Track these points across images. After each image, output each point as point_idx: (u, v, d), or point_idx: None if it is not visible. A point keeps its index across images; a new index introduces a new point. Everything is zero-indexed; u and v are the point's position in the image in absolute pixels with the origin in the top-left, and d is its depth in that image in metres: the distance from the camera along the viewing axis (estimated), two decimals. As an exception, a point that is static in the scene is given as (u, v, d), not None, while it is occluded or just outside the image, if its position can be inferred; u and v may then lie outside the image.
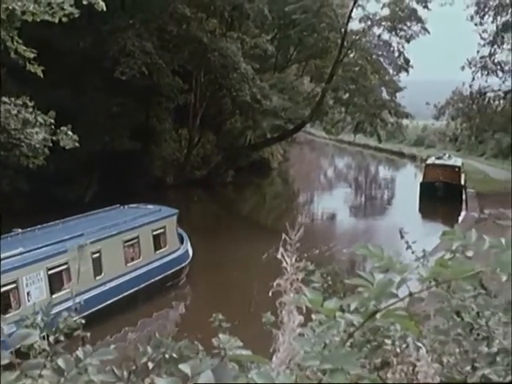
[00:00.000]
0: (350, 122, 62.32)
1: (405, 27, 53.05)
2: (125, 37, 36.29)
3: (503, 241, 2.35)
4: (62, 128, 22.80)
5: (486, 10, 54.87)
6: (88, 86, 39.80)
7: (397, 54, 54.99)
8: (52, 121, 22.84)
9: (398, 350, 3.38)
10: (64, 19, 21.52)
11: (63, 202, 33.16)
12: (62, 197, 35.07)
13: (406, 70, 55.82)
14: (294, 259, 3.35)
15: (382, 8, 52.46)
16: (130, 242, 24.49)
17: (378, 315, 2.30)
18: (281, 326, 3.17)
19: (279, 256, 3.31)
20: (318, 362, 2.21)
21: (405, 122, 61.28)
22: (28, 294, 19.31)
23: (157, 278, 25.04)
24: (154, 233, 25.83)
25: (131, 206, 27.63)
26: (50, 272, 20.26)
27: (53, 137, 22.75)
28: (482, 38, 55.64)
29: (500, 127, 58.41)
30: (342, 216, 48.56)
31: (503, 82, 55.40)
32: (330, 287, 5.84)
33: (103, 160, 39.66)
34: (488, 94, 56.67)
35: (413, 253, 5.43)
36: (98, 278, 22.39)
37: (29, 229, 22.55)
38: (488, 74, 55.45)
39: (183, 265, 27.15)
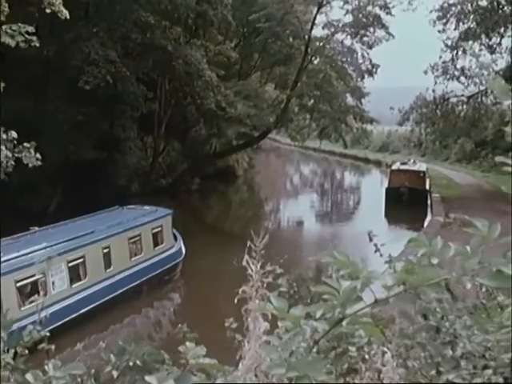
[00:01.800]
0: (316, 129, 62.46)
1: (368, 33, 53.27)
2: (88, 45, 36.06)
3: (468, 248, 2.36)
4: (25, 144, 22.53)
5: (449, 16, 55.38)
6: (51, 96, 39.51)
7: (361, 60, 55.21)
8: (15, 136, 22.47)
9: (364, 355, 3.38)
10: (22, 44, 21.55)
11: (27, 213, 32.85)
12: (26, 208, 34.72)
13: (372, 76, 56.01)
14: (259, 266, 3.35)
15: (345, 14, 52.66)
16: (134, 239, 26.81)
17: (344, 322, 2.30)
18: (246, 333, 3.15)
19: (244, 263, 3.30)
20: (284, 369, 2.20)
21: (370, 127, 61.56)
22: (53, 283, 21.51)
23: (156, 272, 27.38)
24: (153, 231, 28.21)
25: (129, 207, 30.21)
26: (69, 264, 22.45)
27: (15, 154, 22.48)
28: (444, 44, 56.18)
29: (463, 132, 58.94)
30: (309, 222, 48.64)
31: (466, 87, 55.94)
32: (296, 293, 5.83)
33: (67, 170, 39.36)
34: (451, 100, 57.15)
35: (381, 256, 5.44)
36: (108, 270, 24.67)
37: (43, 227, 24.43)
38: (450, 79, 55.94)
39: (178, 260, 29.57)
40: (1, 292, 19.05)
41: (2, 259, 19.47)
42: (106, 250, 24.62)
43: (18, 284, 20.01)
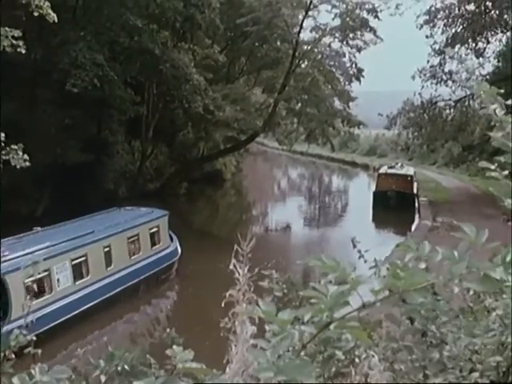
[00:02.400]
0: (303, 133, 62.47)
1: (356, 37, 53.32)
2: (76, 49, 35.99)
3: (455, 253, 2.37)
4: (12, 146, 22.54)
5: (436, 20, 55.58)
6: (39, 99, 39.43)
7: (349, 64, 55.25)
8: (3, 136, 22.50)
9: (351, 359, 3.39)
10: (8, 49, 21.54)
11: (15, 216, 32.76)
12: (14, 211, 34.62)
13: (359, 80, 56.08)
14: (246, 270, 3.35)
15: (333, 19, 52.69)
16: (132, 239, 27.71)
17: (331, 326, 2.30)
18: (234, 336, 3.16)
19: (231, 267, 3.31)
20: (272, 373, 2.20)
21: (357, 131, 61.61)
22: (58, 280, 22.43)
23: (154, 271, 28.36)
24: (151, 231, 29.19)
25: (127, 208, 31.32)
26: (73, 262, 23.34)
27: (3, 156, 22.49)
28: (432, 48, 56.35)
29: (451, 136, 59.07)
30: (296, 226, 48.66)
31: (453, 91, 56.09)
32: (284, 296, 5.84)
33: (55, 173, 39.27)
34: (439, 104, 57.30)
35: (365, 262, 5.45)
36: (108, 268, 25.59)
37: (45, 228, 25.20)
38: (438, 83, 56.08)
39: (174, 260, 30.59)
40: (10, 289, 20.07)
41: (10, 257, 20.65)
42: (106, 249, 25.56)
43: (26, 281, 20.18)
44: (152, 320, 24.60)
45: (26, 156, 22.66)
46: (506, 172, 2.83)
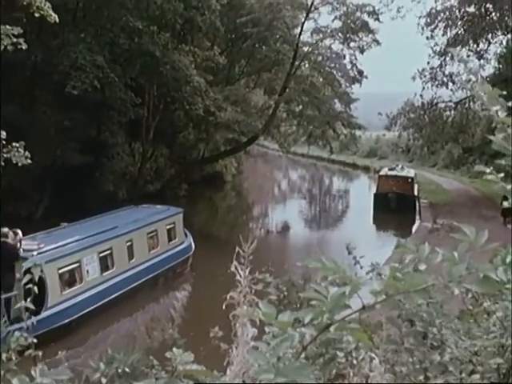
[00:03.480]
0: (303, 135, 62.43)
1: (357, 39, 53.32)
2: (76, 51, 35.98)
3: (455, 254, 2.37)
4: (13, 144, 22.60)
5: (437, 22, 55.56)
6: (39, 101, 39.42)
7: (349, 66, 55.26)
8: (4, 135, 22.54)
9: (352, 361, 3.38)
10: (9, 47, 21.52)
11: (14, 218, 32.77)
12: (13, 213, 34.60)
13: (359, 82, 56.08)
14: (247, 272, 3.35)
15: (333, 20, 52.73)
16: (151, 234, 29.18)
17: (331, 328, 2.31)
18: (234, 339, 3.15)
19: (233, 269, 3.31)
20: (272, 375, 2.21)
21: (358, 133, 61.58)
22: (87, 271, 23.80)
23: (171, 265, 29.87)
24: (167, 227, 30.63)
25: (143, 206, 32.78)
26: (100, 255, 24.78)
27: (4, 154, 22.54)
28: (432, 50, 56.33)
29: (451, 138, 59.05)
30: (297, 228, 48.64)
31: (454, 93, 56.08)
32: (285, 297, 5.84)
33: (54, 175, 39.26)
34: (439, 105, 57.29)
35: (361, 268, 5.45)
36: (131, 261, 27.00)
37: (71, 223, 26.56)
38: (438, 85, 56.06)
39: (189, 254, 31.98)
40: (47, 278, 21.24)
41: (45, 249, 22.04)
42: (128, 244, 26.99)
43: (60, 271, 22.28)
44: (170, 310, 25.89)
45: (27, 153, 22.75)
46: (502, 175, 2.83)
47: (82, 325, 22.05)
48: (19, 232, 21.71)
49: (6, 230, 21.33)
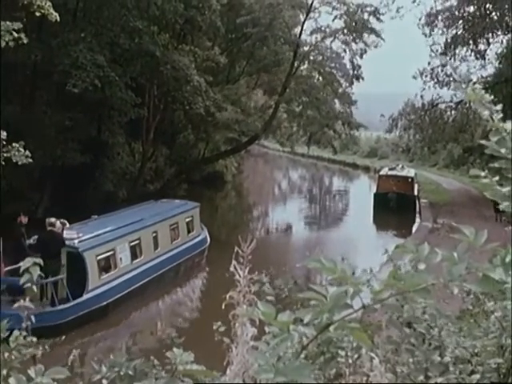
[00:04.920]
0: (304, 134, 62.41)
1: (358, 38, 53.25)
2: (76, 50, 35.90)
3: (455, 254, 2.37)
4: (13, 144, 22.57)
5: (437, 22, 55.55)
6: (39, 100, 39.39)
7: (350, 66, 55.20)
8: (4, 135, 22.51)
9: (352, 360, 3.38)
10: (11, 43, 21.49)
11: (14, 218, 32.76)
12: (13, 213, 34.52)
13: (360, 78, 56.00)
14: (246, 272, 3.34)
15: (333, 20, 52.67)
16: (173, 226, 31.11)
17: (331, 327, 2.31)
18: (234, 338, 3.15)
19: (232, 269, 3.31)
20: (272, 374, 2.21)
21: (358, 133, 61.55)
22: (120, 259, 25.68)
23: (190, 255, 31.86)
24: (186, 220, 32.66)
25: (163, 200, 34.95)
26: (130, 244, 26.69)
27: (4, 154, 22.52)
28: (431, 50, 56.32)
29: (451, 138, 59.06)
30: (297, 228, 48.65)
31: (454, 93, 55.98)
32: (286, 298, 5.84)
33: (55, 175, 39.24)
34: (440, 106, 57.28)
35: (353, 274, 5.43)
36: (156, 251, 28.84)
37: (101, 216, 28.50)
38: (440, 85, 56.04)
39: (205, 246, 33.98)
40: (87, 263, 23.26)
41: (84, 237, 23.96)
42: (154, 235, 28.85)
43: (98, 258, 24.13)
44: (191, 294, 29.76)
45: (27, 152, 22.76)
46: (497, 178, 2.83)
47: (115, 309, 24.14)
48: (66, 222, 24.04)
49: (53, 219, 23.38)
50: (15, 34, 21.35)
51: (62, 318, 21.61)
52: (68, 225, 24.18)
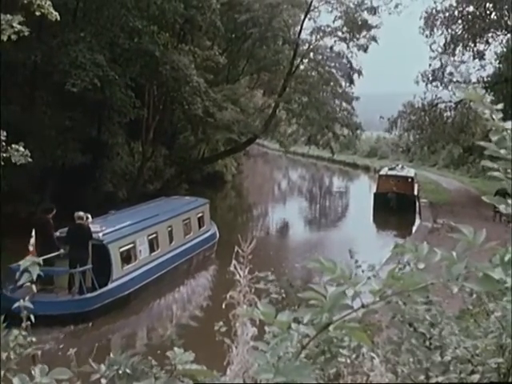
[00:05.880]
0: (303, 134, 62.41)
1: (356, 38, 53.29)
2: (76, 50, 35.88)
3: (454, 254, 2.37)
4: (13, 145, 22.52)
5: (436, 22, 55.56)
6: (39, 101, 39.37)
7: (349, 66, 55.18)
8: (4, 136, 22.47)
9: (352, 360, 3.38)
10: (13, 37, 21.40)
11: (14, 219, 32.79)
12: (13, 214, 34.55)
13: (360, 74, 56.05)
14: (246, 271, 3.35)
15: (333, 21, 52.72)
16: (186, 221, 32.48)
17: (330, 327, 2.31)
18: (234, 338, 3.15)
19: (232, 268, 3.31)
20: (272, 374, 2.21)
21: (358, 133, 61.56)
22: (139, 252, 27.00)
23: (201, 248, 33.27)
24: (197, 215, 34.12)
25: (174, 197, 37.48)
26: (149, 238, 27.98)
27: (3, 154, 22.48)
28: (431, 50, 56.34)
29: (451, 138, 59.07)
30: (297, 228, 48.66)
31: (454, 93, 55.95)
32: (285, 298, 5.84)
33: (54, 175, 39.21)
34: (439, 106, 57.28)
35: (363, 272, 5.44)
36: (171, 244, 30.20)
37: (118, 211, 30.10)
38: (442, 86, 56.06)
39: (215, 241, 35.30)
40: (112, 255, 24.52)
41: (108, 231, 25.27)
42: (169, 229, 30.18)
43: (120, 250, 25.47)
44: (204, 285, 30.85)
45: (27, 151, 22.77)
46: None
47: (137, 297, 25.56)
48: (89, 216, 25.16)
49: (81, 213, 24.54)
50: (17, 27, 21.24)
51: (90, 305, 23.04)
52: (91, 219, 25.33)
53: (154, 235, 28.68)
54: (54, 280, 23.75)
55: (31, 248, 22.46)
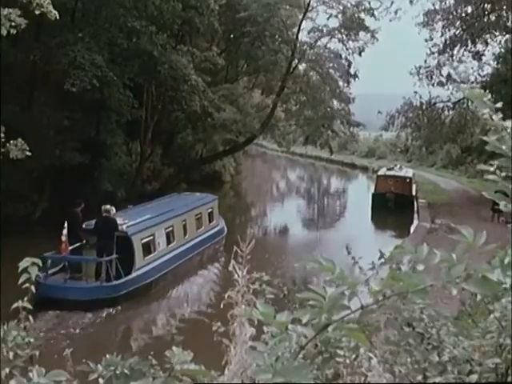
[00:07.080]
0: (302, 134, 62.43)
1: (354, 38, 53.32)
2: (74, 50, 35.86)
3: (454, 255, 2.37)
4: (11, 142, 22.53)
5: (434, 22, 55.58)
6: (38, 101, 39.35)
7: (347, 66, 55.19)
8: (2, 133, 22.46)
9: (350, 360, 3.38)
10: (12, 30, 21.34)
11: (13, 218, 32.79)
12: (11, 213, 34.54)
13: (356, 77, 56.07)
14: (245, 271, 3.34)
15: (328, 18, 52.73)
16: (197, 216, 33.84)
17: (329, 328, 2.30)
18: (232, 338, 3.15)
19: (230, 268, 3.31)
20: (270, 375, 2.21)
21: (357, 130, 61.58)
22: (158, 243, 28.33)
23: (212, 242, 34.60)
24: (208, 211, 35.36)
25: (185, 193, 38.82)
26: (166, 230, 29.41)
27: (1, 149, 22.48)
28: (430, 50, 56.36)
29: (449, 138, 59.10)
30: (295, 228, 48.61)
31: (452, 93, 56.03)
32: (284, 297, 5.83)
33: (53, 175, 39.19)
34: (437, 105, 57.28)
35: (360, 269, 5.42)
36: (185, 237, 31.56)
37: (136, 206, 32.04)
38: (435, 84, 56.08)
39: (223, 235, 36.39)
40: (135, 246, 25.92)
41: (130, 223, 26.58)
42: (183, 223, 31.61)
43: (142, 241, 26.78)
44: (215, 274, 32.09)
45: (25, 145, 22.87)
46: (504, 174, 2.83)
47: (157, 285, 27.16)
48: (114, 209, 26.35)
49: (108, 206, 25.80)
50: (16, 19, 21.17)
51: (116, 291, 24.55)
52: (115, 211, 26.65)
53: (171, 228, 30.09)
54: (83, 268, 25.27)
55: (63, 238, 23.70)
